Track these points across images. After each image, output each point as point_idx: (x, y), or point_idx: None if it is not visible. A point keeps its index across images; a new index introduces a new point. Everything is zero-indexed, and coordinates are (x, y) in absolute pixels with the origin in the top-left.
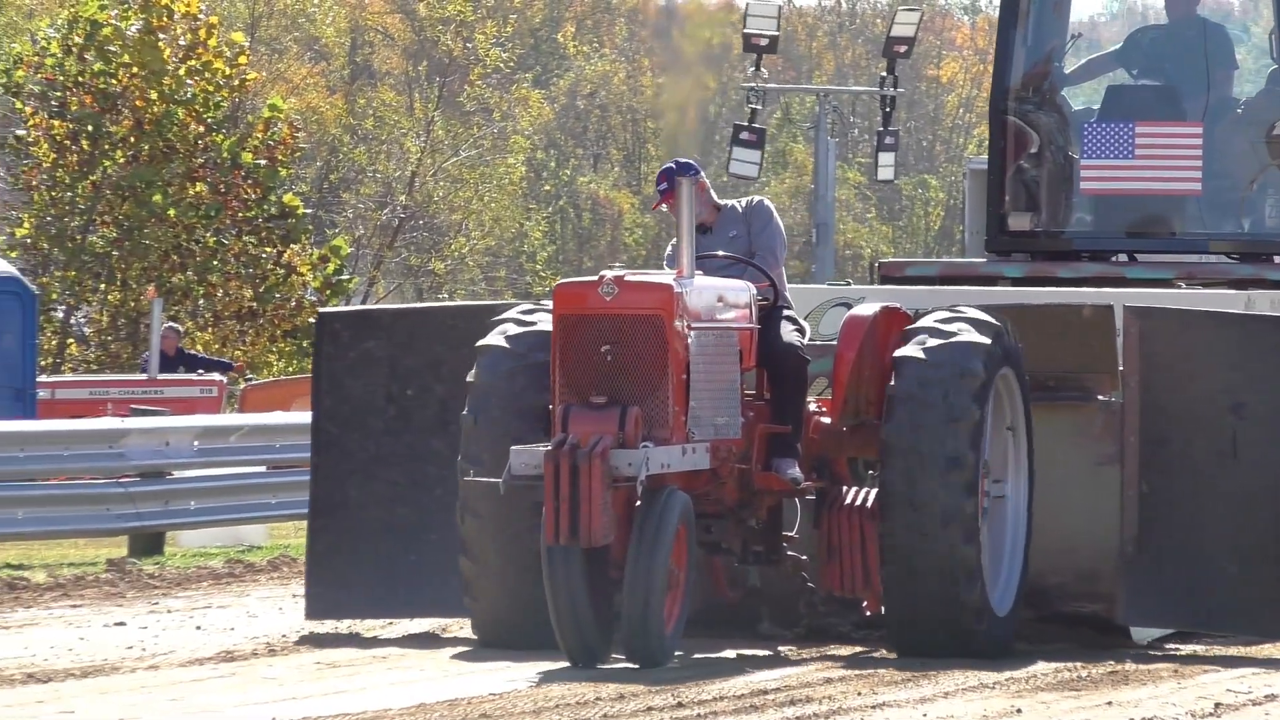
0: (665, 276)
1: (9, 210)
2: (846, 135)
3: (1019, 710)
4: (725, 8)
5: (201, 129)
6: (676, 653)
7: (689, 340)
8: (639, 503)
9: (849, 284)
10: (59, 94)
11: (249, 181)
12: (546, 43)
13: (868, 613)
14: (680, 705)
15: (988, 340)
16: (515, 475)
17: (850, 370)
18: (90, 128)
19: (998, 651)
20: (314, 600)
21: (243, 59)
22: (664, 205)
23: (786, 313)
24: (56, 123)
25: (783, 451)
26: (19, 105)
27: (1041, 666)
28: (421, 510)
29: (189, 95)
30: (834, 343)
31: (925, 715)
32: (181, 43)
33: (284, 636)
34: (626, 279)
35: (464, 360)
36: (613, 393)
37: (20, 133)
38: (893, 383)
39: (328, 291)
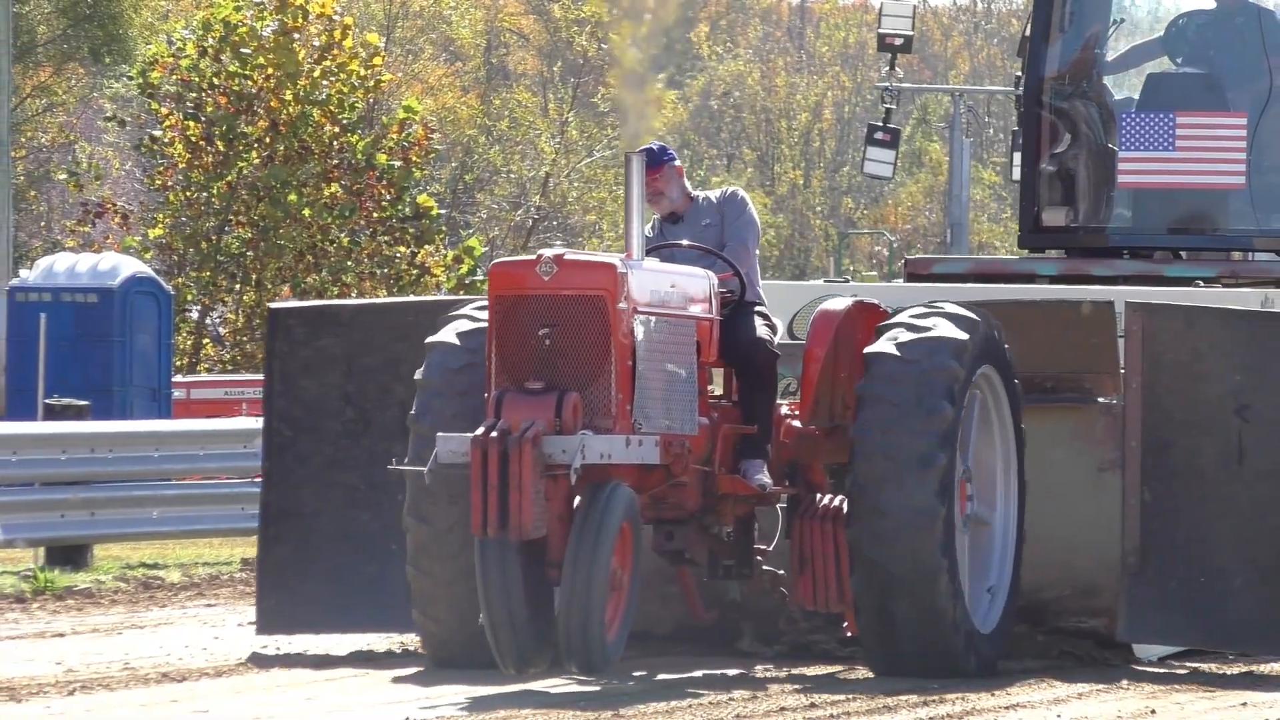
0: (609, 256)
1: (145, 211)
2: (981, 135)
3: (1153, 711)
4: (860, 8)
5: (336, 130)
6: (638, 672)
7: (634, 325)
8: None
9: (848, 280)
10: (194, 95)
11: (383, 182)
12: (680, 43)
13: (849, 633)
14: (813, 706)
15: (964, 336)
16: (442, 463)
17: (821, 369)
18: (225, 128)
19: (982, 670)
20: (265, 614)
21: (378, 60)
22: None
23: (757, 308)
24: (191, 124)
25: (750, 453)
26: (154, 106)
27: (1175, 666)
28: (382, 518)
29: (324, 96)
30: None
31: (1059, 716)
32: (316, 44)
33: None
34: (566, 257)
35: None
36: (551, 378)
37: (156, 134)
38: (862, 381)
39: (462, 292)
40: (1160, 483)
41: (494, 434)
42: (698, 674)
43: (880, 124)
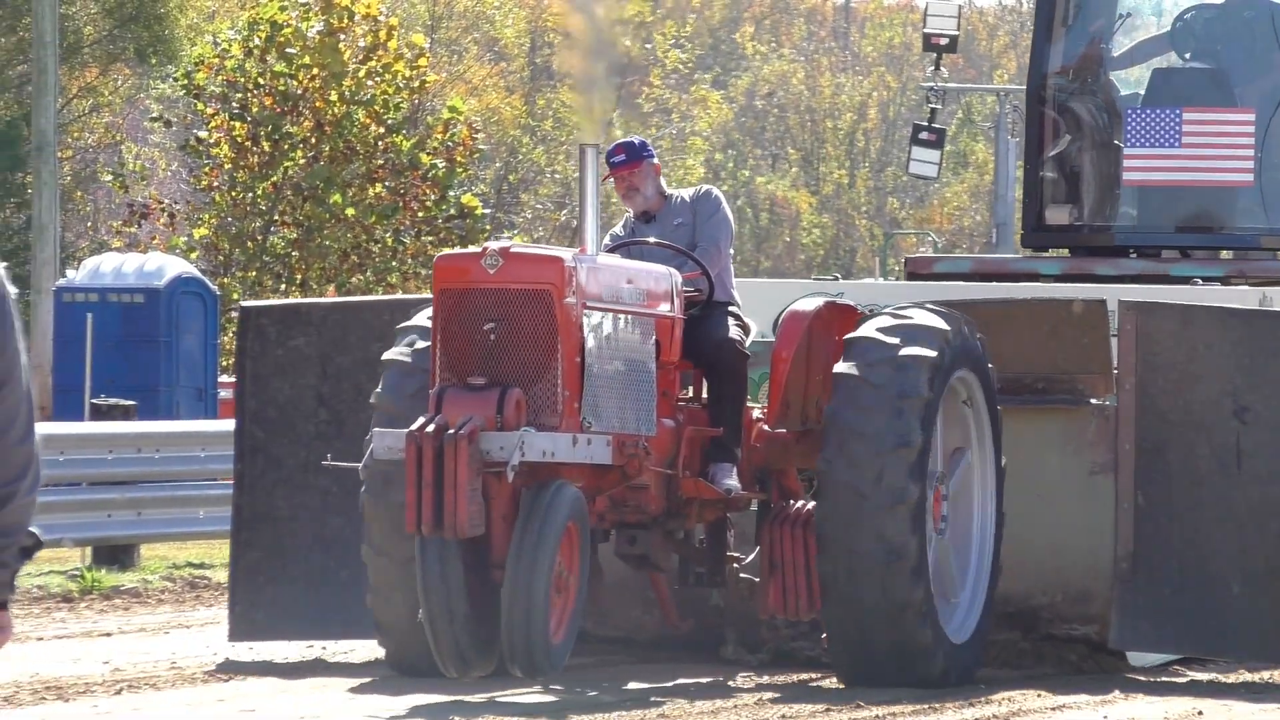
0: (558, 250)
1: (191, 211)
2: None
3: (1200, 712)
4: (904, 7)
5: (381, 130)
6: (605, 683)
7: (584, 321)
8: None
9: (836, 279)
10: (240, 95)
11: (427, 182)
12: (725, 43)
13: (826, 645)
14: (859, 707)
15: (933, 352)
16: (378, 459)
17: (789, 371)
18: (270, 129)
19: (957, 681)
20: (238, 621)
21: (423, 61)
22: (612, 179)
23: (729, 309)
24: (237, 124)
25: (719, 457)
26: (200, 107)
27: (1218, 669)
28: (356, 523)
29: (369, 97)
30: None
31: (1106, 717)
32: (362, 44)
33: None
34: (513, 250)
35: None
36: (495, 374)
37: (201, 134)
38: (829, 405)
39: None
40: (1154, 486)
41: (429, 429)
42: (704, 681)
43: (925, 124)
